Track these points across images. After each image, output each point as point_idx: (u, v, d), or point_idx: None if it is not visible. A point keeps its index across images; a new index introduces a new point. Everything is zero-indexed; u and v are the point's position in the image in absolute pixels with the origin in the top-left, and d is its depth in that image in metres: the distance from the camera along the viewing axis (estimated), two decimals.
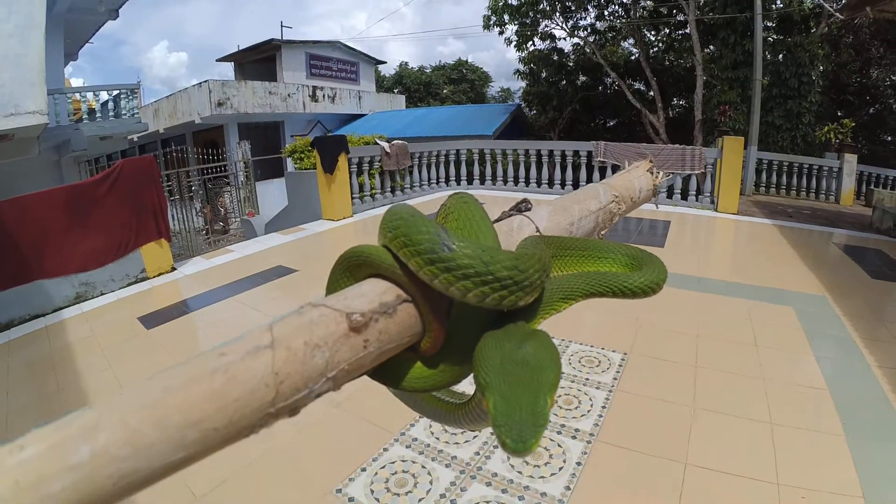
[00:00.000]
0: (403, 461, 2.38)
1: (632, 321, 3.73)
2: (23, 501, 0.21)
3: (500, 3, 16.93)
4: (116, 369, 3.65)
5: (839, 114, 14.77)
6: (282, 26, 30.03)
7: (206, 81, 15.89)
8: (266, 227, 9.84)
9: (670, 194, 8.38)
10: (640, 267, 0.49)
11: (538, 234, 0.49)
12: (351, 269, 0.41)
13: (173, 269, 6.05)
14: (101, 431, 0.23)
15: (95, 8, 11.05)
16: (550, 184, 9.64)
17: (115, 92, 11.95)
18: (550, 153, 9.57)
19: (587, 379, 2.98)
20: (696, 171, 8.05)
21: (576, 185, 9.33)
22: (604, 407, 2.72)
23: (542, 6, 16.66)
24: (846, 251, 5.70)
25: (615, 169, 8.76)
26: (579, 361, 3.18)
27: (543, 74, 19.18)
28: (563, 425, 2.58)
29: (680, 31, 16.17)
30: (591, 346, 3.35)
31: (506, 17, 17.07)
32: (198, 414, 0.25)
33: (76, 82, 19.40)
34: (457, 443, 2.48)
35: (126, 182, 5.48)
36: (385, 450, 2.47)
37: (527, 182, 9.89)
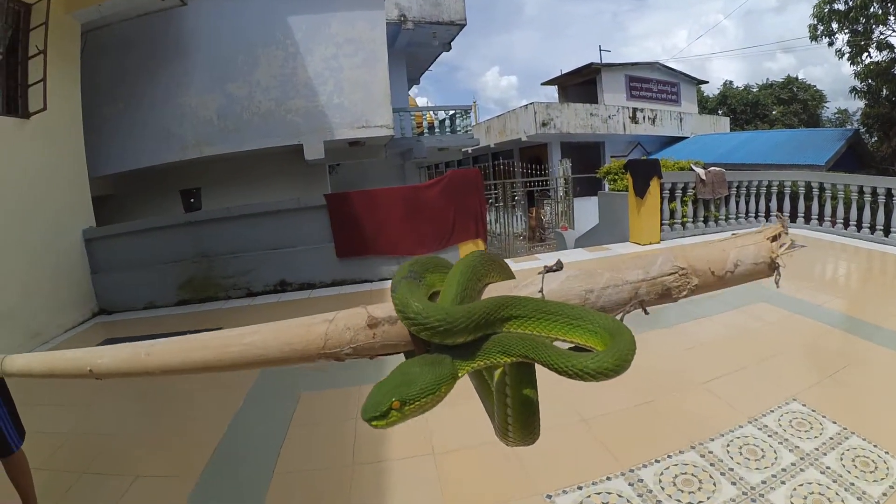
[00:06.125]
0: (620, 496, 2.37)
1: None
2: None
3: (826, 10, 13.67)
4: None
5: None
6: (600, 50, 30.95)
7: (531, 104, 17.66)
8: (576, 241, 10.25)
9: None
10: (608, 342, 0.48)
11: (540, 294, 0.59)
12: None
13: None
14: (253, 336, 0.55)
15: (430, 42, 13.87)
16: (886, 231, 7.26)
17: (452, 112, 14.63)
18: (888, 192, 7.21)
19: (852, 484, 2.30)
20: None
21: None
22: None
23: (873, 9, 12.86)
24: None
25: None
26: (851, 460, 2.45)
27: (884, 93, 14.69)
28: None
29: None
30: (875, 446, 2.55)
31: (834, 24, 13.75)
32: (290, 339, 0.56)
33: (421, 101, 24.41)
34: (678, 500, 2.33)
35: (452, 188, 6.68)
36: (608, 479, 2.49)
37: (858, 226, 7.65)
